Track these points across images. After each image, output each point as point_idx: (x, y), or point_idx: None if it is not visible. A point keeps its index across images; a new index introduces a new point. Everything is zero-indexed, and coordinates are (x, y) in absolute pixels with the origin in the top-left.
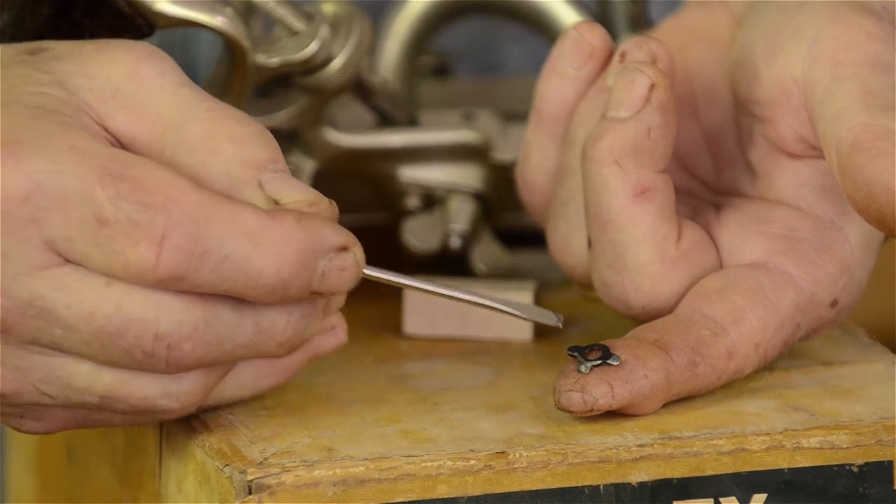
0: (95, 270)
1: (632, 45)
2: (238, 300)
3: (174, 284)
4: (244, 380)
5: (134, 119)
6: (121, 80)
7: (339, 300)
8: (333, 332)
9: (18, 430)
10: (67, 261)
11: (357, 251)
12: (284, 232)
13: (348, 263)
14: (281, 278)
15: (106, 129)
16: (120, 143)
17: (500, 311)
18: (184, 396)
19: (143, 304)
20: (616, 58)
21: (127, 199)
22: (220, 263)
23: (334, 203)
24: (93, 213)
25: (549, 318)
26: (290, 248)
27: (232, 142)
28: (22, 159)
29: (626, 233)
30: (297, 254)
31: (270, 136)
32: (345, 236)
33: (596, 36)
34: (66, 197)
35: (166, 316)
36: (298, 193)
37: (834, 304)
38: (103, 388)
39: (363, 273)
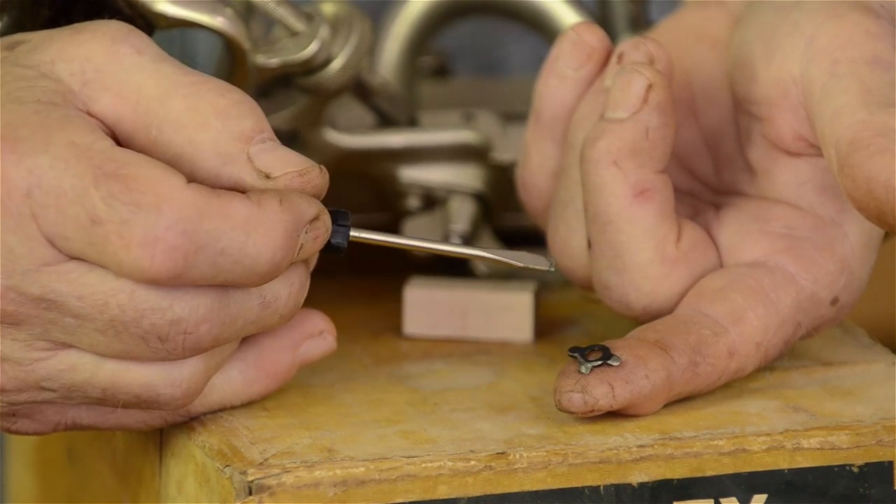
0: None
1: (629, 45)
2: None
3: (171, 282)
4: (233, 384)
5: (117, 100)
6: (100, 60)
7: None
8: (322, 336)
9: (8, 430)
10: (70, 257)
11: (325, 217)
12: (272, 217)
13: (320, 231)
14: (274, 263)
15: (92, 114)
16: (106, 126)
17: (492, 260)
18: (186, 382)
19: (156, 290)
20: (614, 59)
21: (119, 199)
22: (217, 257)
23: (324, 168)
24: (86, 212)
25: (542, 263)
26: (279, 231)
27: (217, 116)
28: (23, 155)
29: (626, 234)
30: (284, 236)
31: (253, 103)
32: (316, 206)
33: (594, 37)
34: (63, 194)
35: (180, 301)
36: (289, 164)
37: (835, 302)
38: (105, 378)
39: (352, 236)
